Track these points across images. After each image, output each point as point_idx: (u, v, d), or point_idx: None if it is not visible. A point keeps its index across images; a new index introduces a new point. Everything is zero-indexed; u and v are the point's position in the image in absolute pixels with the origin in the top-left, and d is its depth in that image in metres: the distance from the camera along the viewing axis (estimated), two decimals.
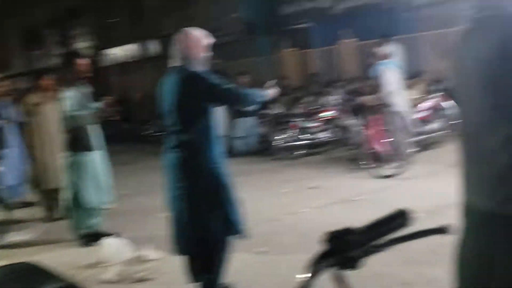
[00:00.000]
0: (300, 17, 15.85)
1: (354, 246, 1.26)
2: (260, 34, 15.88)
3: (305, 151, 9.05)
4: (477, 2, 1.90)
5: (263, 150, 9.54)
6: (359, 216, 1.33)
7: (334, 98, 10.03)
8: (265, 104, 9.56)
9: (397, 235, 1.33)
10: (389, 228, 1.33)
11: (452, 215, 2.14)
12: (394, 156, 7.42)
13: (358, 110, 7.87)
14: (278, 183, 7.34)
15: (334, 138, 9.07)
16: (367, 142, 7.37)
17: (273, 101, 9.81)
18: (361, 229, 1.29)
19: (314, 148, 9.16)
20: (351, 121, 7.91)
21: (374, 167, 7.18)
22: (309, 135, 9.15)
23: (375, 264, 3.42)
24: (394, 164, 7.29)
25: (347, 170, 7.60)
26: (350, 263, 1.26)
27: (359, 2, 14.76)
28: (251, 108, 4.88)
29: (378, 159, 7.28)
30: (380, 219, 1.33)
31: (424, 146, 8.25)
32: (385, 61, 7.60)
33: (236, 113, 9.48)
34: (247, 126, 9.85)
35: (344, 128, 8.58)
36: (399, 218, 1.34)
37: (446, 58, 2.15)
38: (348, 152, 7.97)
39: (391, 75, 7.45)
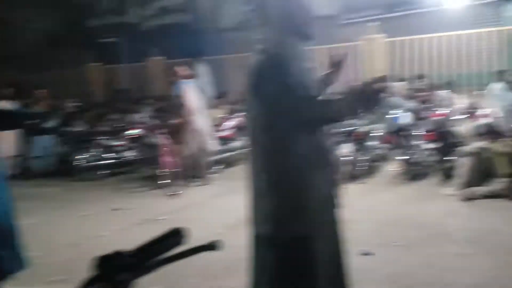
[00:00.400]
0: (108, 31, 15.44)
1: (123, 269, 1.20)
2: (64, 47, 15.01)
3: (109, 171, 8.69)
4: (260, 35, 2.11)
5: (63, 170, 8.84)
6: None
7: (141, 116, 9.89)
8: (66, 121, 8.99)
9: (170, 254, 1.30)
10: (162, 247, 1.30)
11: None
12: (194, 174, 7.58)
13: (162, 128, 7.86)
14: (79, 205, 6.91)
15: (141, 157, 8.87)
16: (168, 160, 7.37)
17: (75, 117, 9.28)
18: (132, 251, 1.24)
19: (119, 167, 8.84)
20: (156, 140, 7.85)
21: (174, 186, 7.20)
22: (114, 154, 8.82)
23: (178, 282, 3.41)
24: (194, 183, 7.42)
25: (152, 190, 7.50)
26: (119, 286, 1.20)
27: (168, 21, 14.99)
28: (45, 125, 4.48)
29: (178, 177, 7.33)
30: (153, 239, 1.29)
31: (227, 163, 8.60)
32: (186, 80, 7.76)
33: (32, 131, 8.66)
34: (45, 144, 9.07)
35: (150, 147, 8.47)
36: (173, 237, 1.32)
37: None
38: (154, 172, 7.88)
39: (192, 94, 7.61)
